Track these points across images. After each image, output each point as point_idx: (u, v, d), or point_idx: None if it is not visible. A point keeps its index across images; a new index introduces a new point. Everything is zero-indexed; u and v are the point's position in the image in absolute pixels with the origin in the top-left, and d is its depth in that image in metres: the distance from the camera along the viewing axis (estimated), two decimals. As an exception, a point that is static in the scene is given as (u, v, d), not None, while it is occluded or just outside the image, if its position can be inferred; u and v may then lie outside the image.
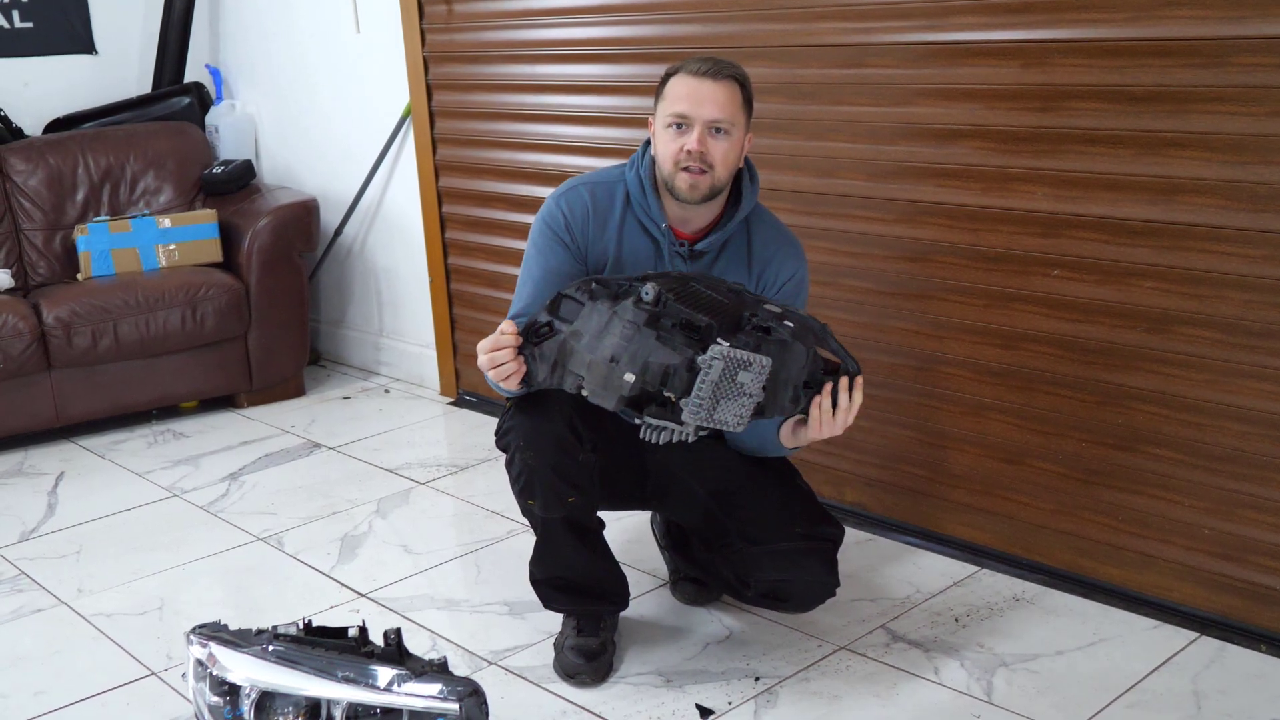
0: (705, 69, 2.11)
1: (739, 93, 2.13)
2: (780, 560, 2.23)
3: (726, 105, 2.11)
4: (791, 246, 2.28)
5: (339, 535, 3.02)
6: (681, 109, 2.11)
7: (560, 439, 2.13)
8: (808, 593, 2.27)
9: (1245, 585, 2.33)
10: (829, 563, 2.25)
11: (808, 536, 2.23)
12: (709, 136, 2.10)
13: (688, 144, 2.09)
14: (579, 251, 2.24)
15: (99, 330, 3.74)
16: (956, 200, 2.57)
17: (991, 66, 2.47)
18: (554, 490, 2.16)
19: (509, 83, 3.56)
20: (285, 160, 4.61)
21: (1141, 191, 2.31)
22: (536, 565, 2.32)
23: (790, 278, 2.26)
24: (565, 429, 2.14)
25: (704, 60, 2.13)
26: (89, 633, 2.59)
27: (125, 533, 3.11)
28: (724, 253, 2.24)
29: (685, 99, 2.10)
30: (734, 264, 2.25)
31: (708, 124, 2.10)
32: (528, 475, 2.16)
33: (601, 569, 2.33)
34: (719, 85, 2.10)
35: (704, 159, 2.10)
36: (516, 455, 2.17)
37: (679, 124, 2.11)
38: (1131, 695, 2.16)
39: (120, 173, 4.29)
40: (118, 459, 3.66)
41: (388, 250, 4.24)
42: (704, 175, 2.11)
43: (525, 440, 2.15)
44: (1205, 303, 2.27)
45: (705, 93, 2.10)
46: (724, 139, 2.11)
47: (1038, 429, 2.56)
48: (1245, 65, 2.14)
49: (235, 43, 4.68)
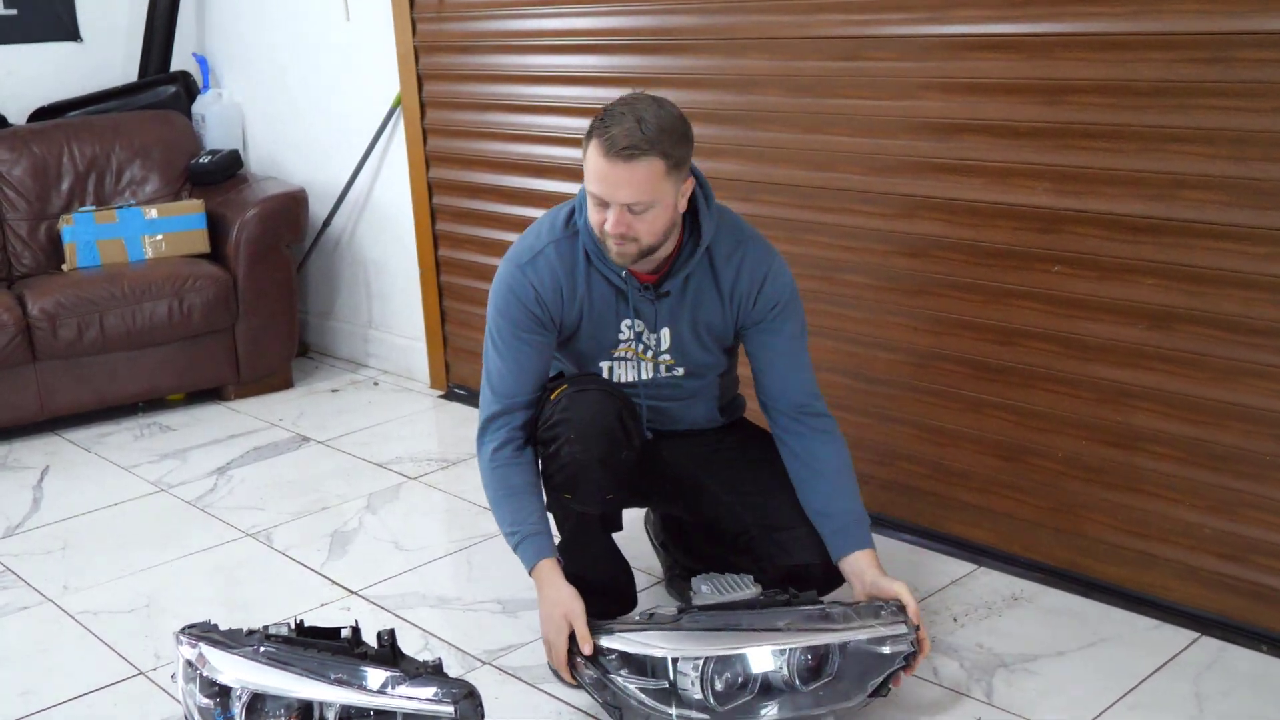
0: (617, 149, 1.95)
1: (660, 166, 1.98)
2: (798, 546, 2.21)
3: (642, 187, 1.98)
4: (753, 250, 2.20)
5: (329, 531, 2.98)
6: (595, 190, 2.01)
7: (612, 433, 2.13)
8: (827, 577, 2.24)
9: (1247, 585, 2.31)
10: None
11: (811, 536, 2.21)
12: (627, 214, 2.00)
13: (606, 225, 2.02)
14: (551, 322, 2.20)
15: (84, 322, 3.70)
16: (956, 195, 2.55)
17: (993, 60, 2.44)
18: (598, 485, 2.16)
19: (501, 73, 3.52)
20: (273, 150, 4.56)
21: (1144, 187, 2.29)
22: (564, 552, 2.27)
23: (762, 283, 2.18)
24: (617, 423, 2.14)
25: (622, 133, 1.96)
26: (75, 631, 2.55)
27: (112, 528, 3.07)
28: (690, 285, 2.19)
29: (598, 180, 2.00)
30: (703, 287, 2.20)
31: (624, 206, 2.00)
32: (574, 469, 2.14)
33: (620, 570, 2.35)
34: (632, 169, 1.96)
35: (625, 235, 2.02)
36: (564, 448, 2.14)
37: (598, 202, 2.03)
38: (1133, 696, 2.14)
39: (106, 162, 4.24)
40: (104, 452, 3.61)
41: (377, 242, 4.20)
42: (629, 244, 2.04)
43: (578, 434, 2.13)
44: (1207, 300, 2.25)
45: (618, 177, 1.97)
46: (645, 214, 2.01)
47: (1037, 426, 2.54)
48: (1249, 60, 2.12)
49: (222, 31, 4.63)
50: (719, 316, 2.22)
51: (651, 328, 2.22)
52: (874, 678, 2.02)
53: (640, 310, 2.20)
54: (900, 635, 2.02)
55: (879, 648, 2.02)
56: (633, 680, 2.02)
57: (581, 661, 2.05)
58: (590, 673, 2.05)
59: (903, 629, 2.02)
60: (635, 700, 2.01)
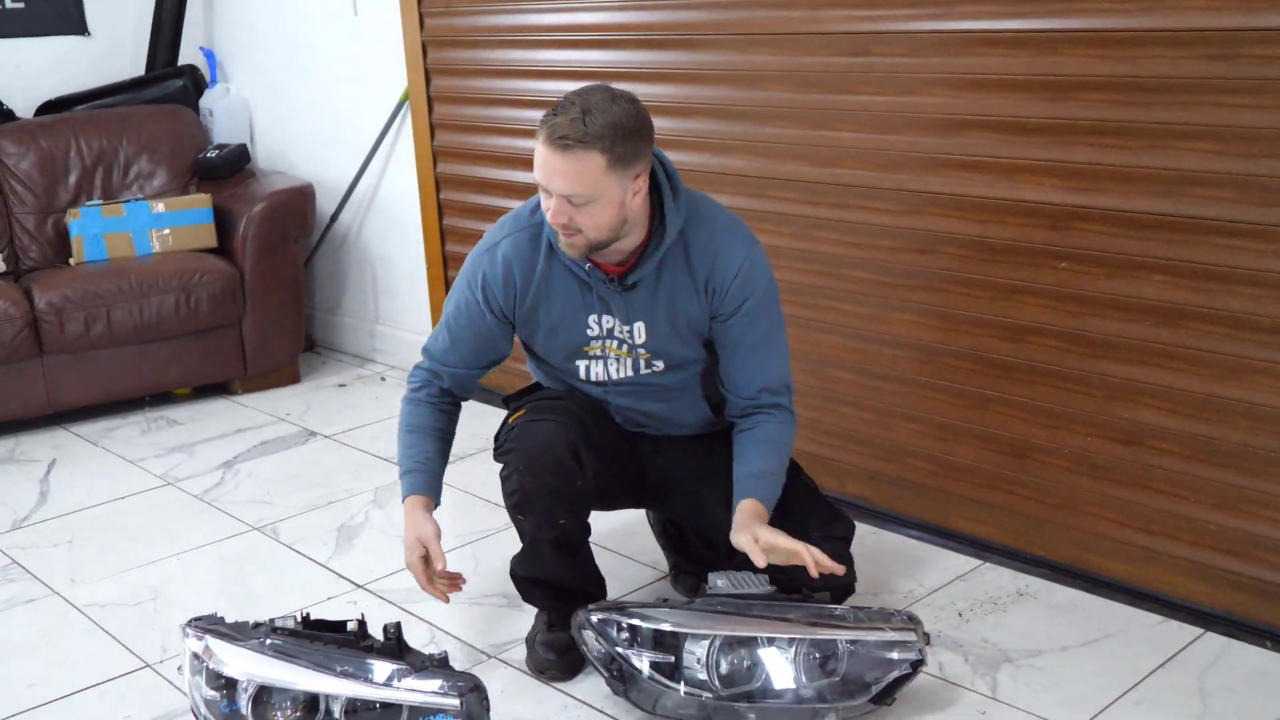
0: (557, 137, 1.92)
1: (599, 161, 1.93)
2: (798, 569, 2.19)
3: (580, 180, 1.94)
4: (731, 239, 2.15)
5: (335, 525, 2.99)
6: (538, 177, 1.99)
7: (562, 464, 2.11)
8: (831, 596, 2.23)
9: (1251, 581, 2.31)
10: (845, 561, 2.22)
11: (823, 536, 2.20)
12: (567, 206, 1.97)
13: (550, 214, 2.01)
14: (499, 314, 2.20)
15: (92, 316, 3.70)
16: (963, 191, 2.55)
17: (1000, 56, 2.44)
18: (548, 514, 2.15)
19: (509, 68, 3.52)
20: (280, 145, 4.57)
21: (1151, 184, 2.28)
22: (519, 564, 2.32)
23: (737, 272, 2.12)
24: (568, 455, 2.11)
25: (566, 122, 1.92)
26: (82, 624, 2.56)
27: (118, 521, 3.08)
28: (663, 271, 2.13)
29: (540, 168, 1.97)
30: (678, 277, 2.14)
31: (563, 196, 1.97)
32: (522, 495, 2.16)
33: (582, 573, 2.32)
34: (567, 159, 1.93)
35: (568, 226, 1.99)
36: (514, 475, 2.16)
37: (543, 190, 2.01)
38: (1137, 692, 2.14)
39: (113, 156, 4.24)
40: (110, 446, 3.62)
41: (384, 237, 4.21)
42: (575, 236, 2.01)
43: (525, 465, 2.13)
44: (1215, 297, 2.25)
45: (554, 166, 1.94)
46: (586, 208, 1.97)
47: (1043, 422, 2.54)
48: (1258, 57, 2.11)
49: (230, 25, 4.63)
50: (695, 307, 2.16)
51: (624, 321, 2.17)
52: (878, 681, 2.02)
53: (609, 304, 2.15)
54: (909, 643, 2.02)
55: (886, 652, 2.02)
56: (642, 654, 2.02)
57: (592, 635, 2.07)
58: (599, 646, 2.06)
59: (912, 637, 2.03)
60: (643, 675, 2.02)
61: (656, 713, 2.06)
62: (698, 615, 2.06)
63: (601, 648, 2.06)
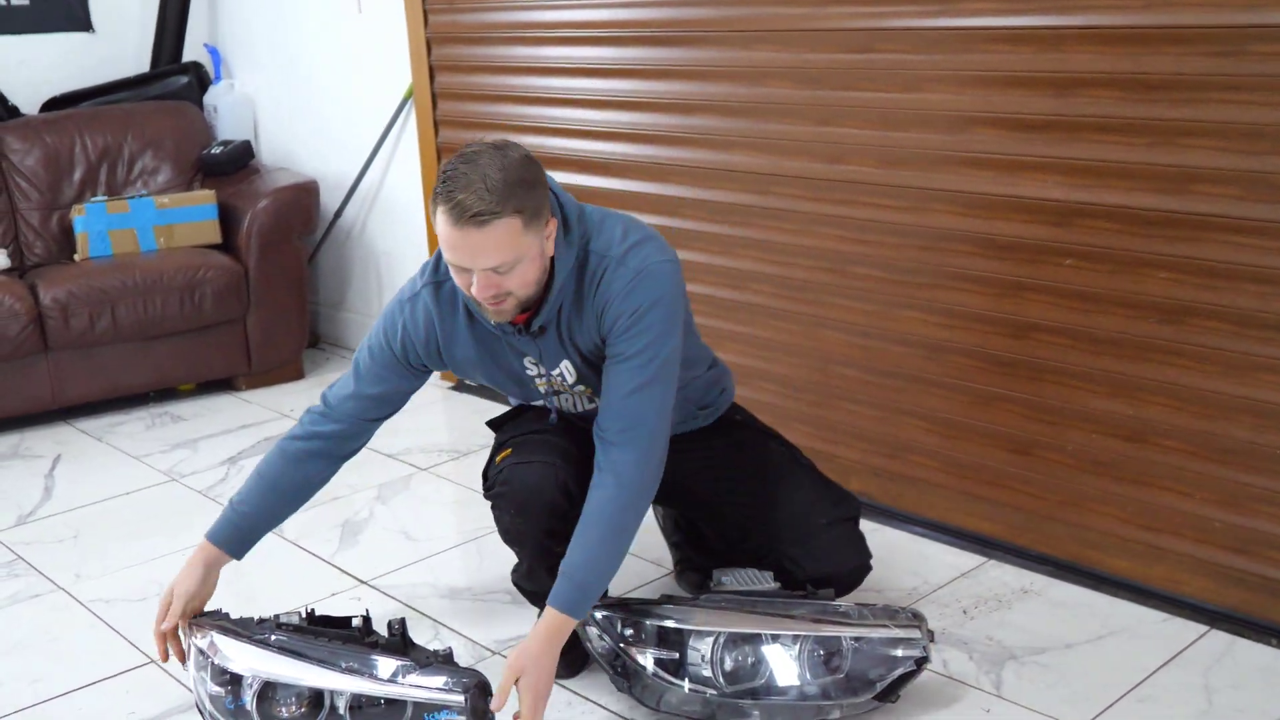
0: (470, 215, 1.80)
1: (516, 223, 1.83)
2: (813, 557, 2.20)
3: (501, 249, 1.84)
4: (617, 263, 1.99)
5: (339, 521, 2.99)
6: (453, 259, 1.87)
7: (553, 506, 2.10)
8: (848, 579, 2.25)
9: (1256, 579, 2.31)
10: (859, 544, 2.25)
11: (831, 522, 2.21)
12: (494, 275, 1.87)
13: (474, 290, 1.89)
14: (416, 366, 2.14)
15: (96, 312, 3.71)
16: (967, 188, 2.54)
17: (1004, 53, 2.43)
18: (543, 549, 2.16)
19: (513, 65, 3.52)
20: (284, 141, 4.57)
21: (1156, 181, 2.28)
22: (519, 579, 2.34)
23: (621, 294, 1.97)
24: (559, 495, 2.10)
25: (465, 201, 1.80)
26: (87, 619, 2.57)
27: (123, 517, 3.09)
28: (563, 314, 2.03)
29: (453, 249, 1.85)
30: (575, 321, 2.04)
31: (487, 270, 1.86)
32: (516, 534, 2.18)
33: None
34: (486, 234, 1.81)
35: (498, 294, 1.89)
36: (505, 516, 2.17)
37: (459, 269, 1.89)
38: (1142, 689, 2.14)
39: (118, 152, 4.25)
40: (115, 442, 3.63)
41: (388, 233, 4.21)
42: (505, 301, 1.91)
43: (516, 508, 2.13)
44: (1220, 294, 2.24)
45: (474, 244, 1.83)
46: (513, 271, 1.87)
47: (1047, 419, 2.54)
48: (1262, 54, 2.11)
49: (234, 22, 4.63)
50: (597, 342, 2.04)
51: (549, 366, 2.10)
52: (883, 678, 2.02)
53: (530, 351, 2.08)
54: (913, 640, 2.02)
55: (891, 649, 2.02)
56: (646, 651, 2.03)
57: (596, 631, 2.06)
58: (603, 643, 2.06)
59: (916, 634, 2.03)
60: (647, 672, 2.02)
61: (660, 709, 2.06)
62: (702, 612, 2.06)
63: (605, 644, 2.06)
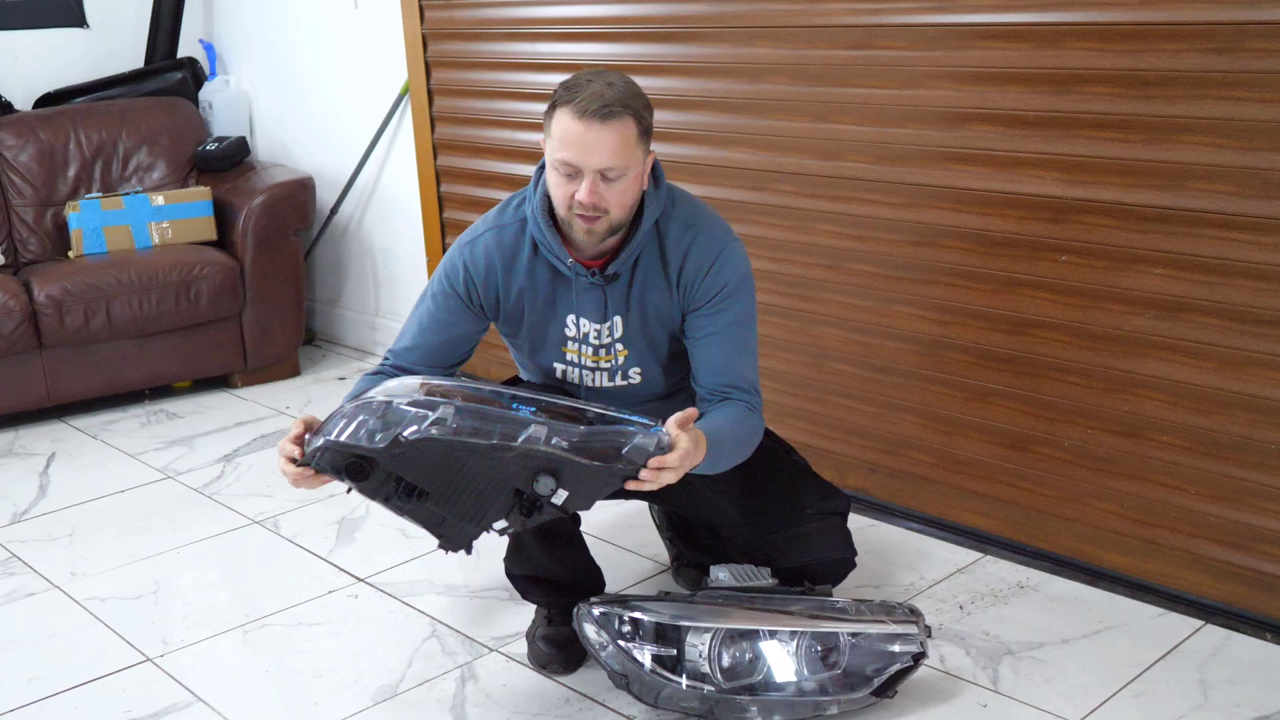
0: (593, 109, 1.89)
1: (633, 128, 1.93)
2: (797, 546, 2.21)
3: (618, 149, 1.91)
4: (705, 235, 2.11)
5: (336, 519, 2.99)
6: (568, 156, 1.92)
7: None
8: (831, 572, 2.25)
9: (1251, 573, 2.32)
10: (844, 538, 2.26)
11: (818, 515, 2.22)
12: (600, 183, 1.93)
13: (578, 194, 1.94)
14: (476, 307, 2.16)
15: (91, 309, 3.70)
16: (964, 184, 2.55)
17: (1001, 49, 2.43)
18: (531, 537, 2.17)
19: (509, 61, 3.51)
20: (280, 137, 4.56)
21: (1152, 177, 2.28)
22: (510, 562, 2.32)
23: (710, 267, 2.08)
24: None
25: (591, 96, 1.90)
26: (82, 617, 2.56)
27: (118, 515, 3.08)
28: (639, 268, 2.11)
29: (572, 145, 1.91)
30: (651, 272, 2.11)
31: (598, 171, 1.93)
32: None
33: (575, 564, 2.31)
34: (608, 129, 1.90)
35: (597, 207, 1.95)
36: None
37: (569, 172, 1.95)
38: (1138, 684, 2.15)
39: (113, 149, 4.24)
40: (110, 439, 3.62)
41: (384, 229, 4.20)
42: (598, 220, 1.97)
43: None
44: (1215, 290, 2.25)
45: (593, 139, 1.90)
46: (618, 182, 1.95)
47: (1044, 415, 2.54)
48: (1258, 50, 2.11)
49: (230, 17, 4.62)
50: (666, 302, 2.13)
51: (601, 318, 2.14)
52: (880, 674, 2.03)
53: (587, 301, 2.12)
54: (910, 636, 2.02)
55: (888, 645, 2.03)
56: (644, 647, 2.03)
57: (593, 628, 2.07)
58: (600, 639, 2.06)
59: (914, 630, 2.03)
60: (645, 668, 2.02)
61: (658, 706, 2.07)
62: (699, 608, 2.06)
63: (603, 640, 2.06)
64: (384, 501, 1.92)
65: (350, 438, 1.86)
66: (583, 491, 1.89)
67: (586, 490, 1.89)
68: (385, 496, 1.91)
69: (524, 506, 1.90)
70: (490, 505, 1.91)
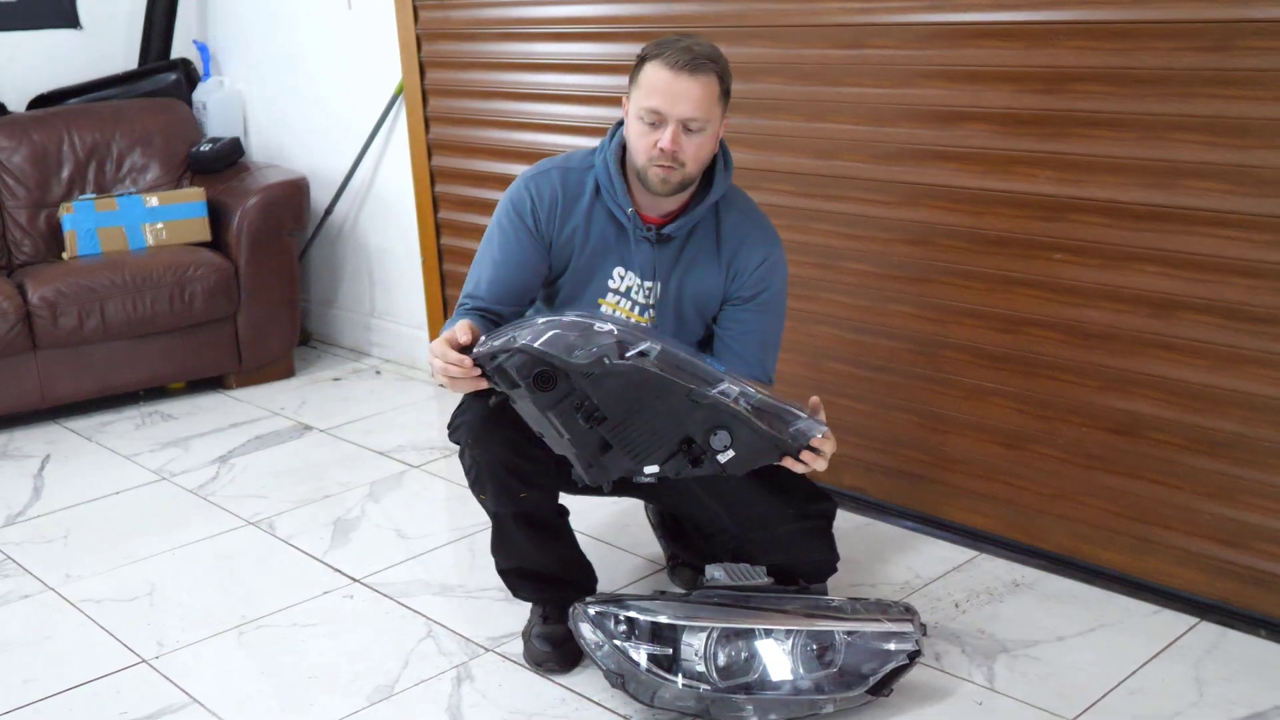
0: (683, 61, 2.01)
1: (716, 86, 2.05)
2: (780, 545, 2.22)
3: (702, 102, 2.03)
4: (761, 230, 2.24)
5: (331, 519, 2.99)
6: (655, 104, 2.03)
7: (509, 439, 2.10)
8: (811, 573, 2.26)
9: (1246, 570, 2.32)
10: (826, 541, 2.26)
11: (802, 516, 2.23)
12: (681, 134, 2.04)
13: (661, 141, 2.04)
14: (542, 238, 2.20)
15: (85, 310, 3.70)
16: (958, 183, 2.55)
17: (994, 48, 2.44)
18: (504, 487, 2.14)
19: (503, 61, 3.51)
20: (275, 138, 4.56)
21: (1145, 175, 2.29)
22: (497, 555, 2.31)
23: (761, 262, 2.22)
24: (516, 431, 2.09)
25: (682, 50, 2.03)
26: (77, 619, 2.56)
27: (113, 517, 3.08)
28: (692, 237, 2.21)
29: (660, 94, 2.03)
30: (703, 249, 2.22)
31: (681, 121, 2.03)
32: (477, 470, 2.15)
33: (563, 558, 2.30)
34: (696, 81, 2.02)
35: (676, 157, 2.05)
36: (467, 451, 2.16)
37: (653, 120, 2.05)
38: (1133, 681, 2.15)
39: (106, 150, 4.23)
40: (105, 441, 3.62)
41: (379, 230, 4.20)
42: (674, 170, 2.07)
43: (474, 438, 2.13)
44: (1208, 288, 2.25)
45: (681, 89, 2.02)
46: (697, 135, 2.06)
47: (1038, 413, 2.54)
48: (1251, 49, 2.12)
49: (223, 18, 4.62)
50: (712, 280, 2.22)
51: (647, 276, 2.20)
52: (876, 672, 2.03)
53: (637, 255, 2.19)
54: (906, 634, 2.03)
55: (884, 643, 2.03)
56: (640, 647, 2.03)
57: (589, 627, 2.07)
58: (596, 638, 2.06)
59: (909, 628, 2.03)
60: (641, 667, 2.03)
61: (654, 705, 2.07)
62: (695, 607, 2.06)
63: (599, 640, 2.07)
64: (551, 416, 1.91)
65: (548, 346, 1.87)
66: (746, 456, 1.97)
67: (749, 456, 1.97)
68: (560, 412, 1.90)
69: (690, 455, 1.95)
70: (659, 446, 1.95)
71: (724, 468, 1.96)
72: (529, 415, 1.97)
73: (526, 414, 1.98)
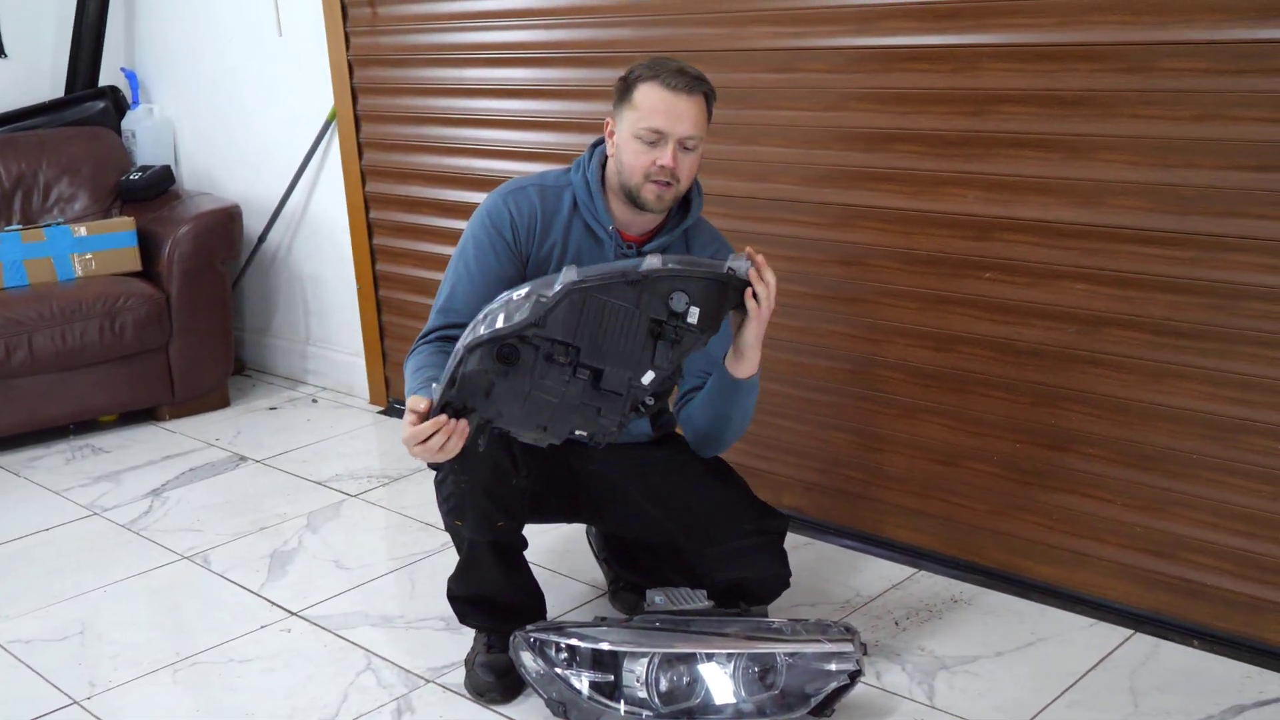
0: (681, 83, 2.08)
1: (705, 106, 2.13)
2: (733, 561, 2.22)
3: (698, 121, 2.10)
4: (725, 250, 2.28)
5: (268, 552, 2.94)
6: (657, 124, 2.08)
7: (497, 463, 2.10)
8: (765, 588, 2.27)
9: (1177, 581, 2.36)
10: (780, 556, 2.27)
11: (756, 532, 2.23)
12: (681, 152, 2.10)
13: (661, 159, 2.08)
14: (520, 253, 2.21)
15: (12, 343, 3.62)
16: (889, 204, 2.58)
17: (922, 71, 2.47)
18: (485, 515, 2.13)
19: (436, 87, 3.50)
20: (206, 166, 4.50)
21: (1070, 194, 2.33)
22: (457, 583, 2.29)
23: None
24: (502, 453, 2.10)
25: (676, 72, 2.09)
26: (6, 661, 2.49)
27: (43, 554, 3.01)
28: None
29: (661, 114, 2.08)
30: None
31: (680, 140, 2.09)
32: (459, 498, 2.14)
33: (521, 588, 2.30)
34: (693, 101, 2.09)
35: (673, 174, 2.10)
36: (449, 477, 2.14)
37: (652, 139, 2.09)
38: (1071, 694, 2.17)
39: (33, 180, 4.16)
40: (34, 476, 3.54)
41: (314, 257, 4.16)
42: (669, 188, 2.12)
43: (460, 465, 2.09)
44: (1134, 304, 2.30)
45: (681, 109, 2.08)
46: (691, 154, 2.12)
47: (972, 430, 2.58)
48: (1170, 70, 2.17)
49: (152, 45, 4.56)
50: None
51: None
52: (818, 693, 2.04)
53: None
54: (846, 654, 2.03)
55: (824, 664, 2.04)
56: (581, 674, 2.02)
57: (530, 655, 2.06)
58: (537, 667, 2.05)
59: (849, 648, 2.04)
60: (583, 695, 2.01)
61: None
62: (636, 633, 2.06)
63: (540, 668, 2.05)
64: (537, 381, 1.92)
65: (488, 329, 1.88)
66: (710, 310, 1.98)
67: (712, 308, 1.99)
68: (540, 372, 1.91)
69: (667, 336, 1.96)
70: (637, 344, 1.96)
71: (699, 329, 1.97)
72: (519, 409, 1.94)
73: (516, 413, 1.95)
